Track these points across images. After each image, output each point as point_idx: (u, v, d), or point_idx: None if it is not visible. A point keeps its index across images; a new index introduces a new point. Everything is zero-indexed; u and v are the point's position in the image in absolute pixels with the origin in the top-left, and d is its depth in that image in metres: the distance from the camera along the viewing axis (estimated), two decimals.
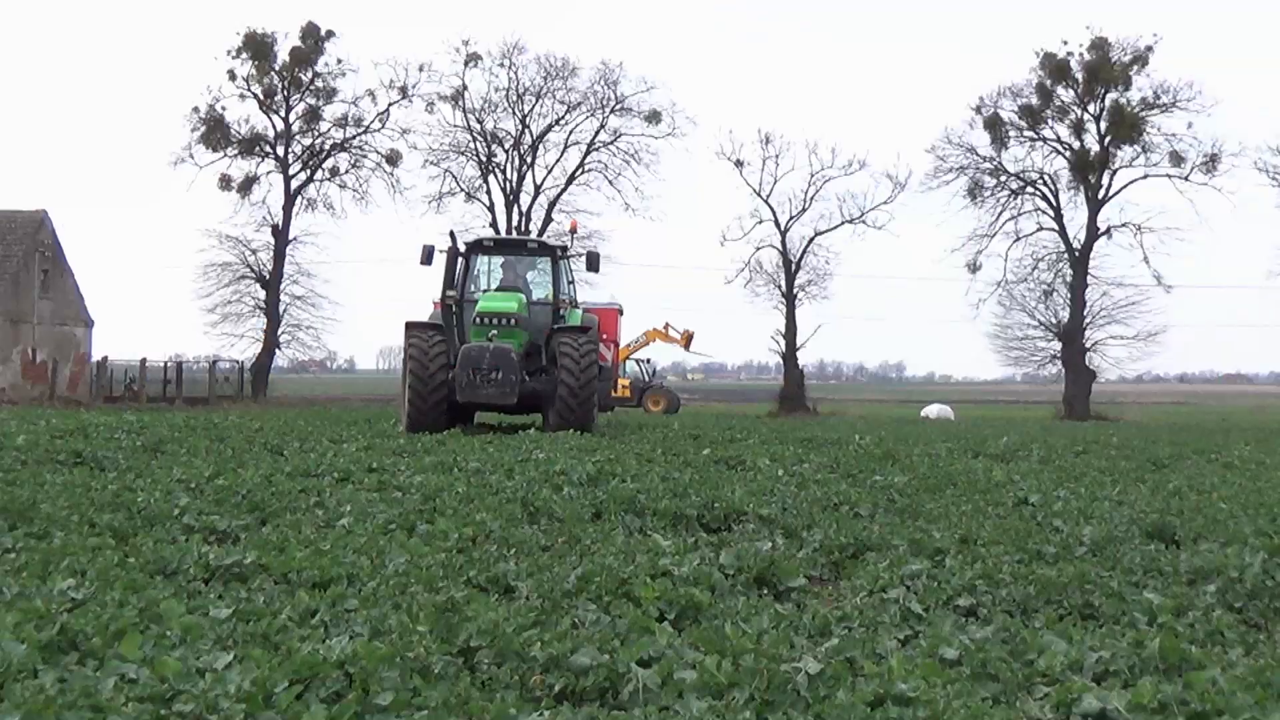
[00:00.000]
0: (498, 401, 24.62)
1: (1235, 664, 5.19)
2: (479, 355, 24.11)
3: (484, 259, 27.61)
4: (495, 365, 24.11)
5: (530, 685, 4.76)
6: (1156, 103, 66.78)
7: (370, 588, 6.36)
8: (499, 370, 24.15)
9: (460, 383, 23.88)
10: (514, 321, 25.17)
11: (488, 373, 24.06)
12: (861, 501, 10.88)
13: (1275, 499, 11.78)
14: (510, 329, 25.10)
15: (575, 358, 24.40)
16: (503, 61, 68.92)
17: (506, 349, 24.37)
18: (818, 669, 4.78)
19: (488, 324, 24.89)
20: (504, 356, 24.21)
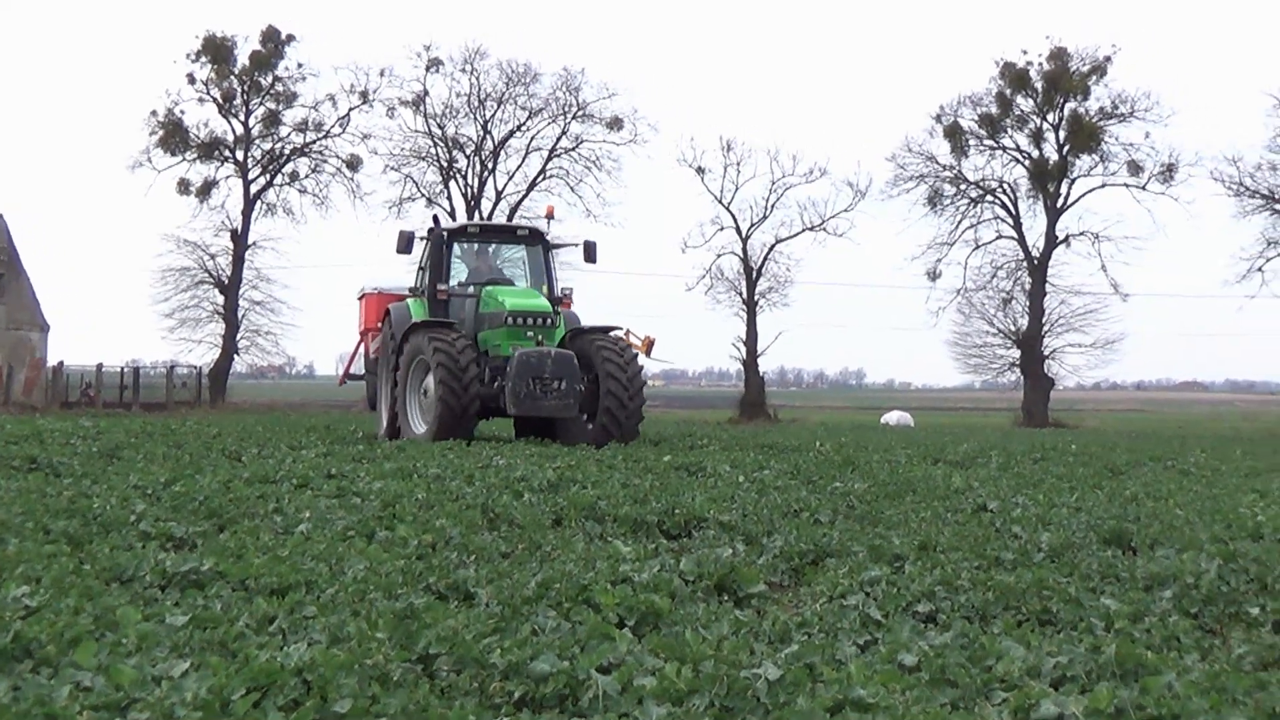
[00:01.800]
0: (559, 414, 22.30)
1: (1191, 669, 5.21)
2: (539, 363, 21.75)
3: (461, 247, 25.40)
4: (558, 374, 21.79)
5: (490, 692, 4.74)
6: (1115, 112, 67.27)
7: (329, 594, 6.34)
8: (562, 380, 21.80)
9: (518, 393, 21.52)
10: (551, 321, 23.12)
11: (550, 382, 21.75)
12: (821, 508, 10.90)
13: (1231, 506, 11.84)
14: (549, 330, 23.05)
15: (622, 364, 22.41)
16: (464, 67, 68.91)
17: (568, 356, 22.18)
18: (777, 675, 4.78)
19: (523, 325, 22.68)
20: (566, 364, 21.97)
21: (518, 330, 22.72)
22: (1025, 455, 21.54)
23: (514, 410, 21.86)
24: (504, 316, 22.80)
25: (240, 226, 65.51)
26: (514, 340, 22.59)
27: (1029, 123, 68.51)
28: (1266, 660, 5.71)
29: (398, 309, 24.48)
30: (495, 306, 23.25)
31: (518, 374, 21.55)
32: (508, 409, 21.96)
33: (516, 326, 22.70)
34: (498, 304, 23.23)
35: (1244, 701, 4.71)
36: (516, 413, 22.06)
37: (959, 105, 68.83)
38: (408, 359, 22.93)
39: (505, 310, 22.86)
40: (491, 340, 23.05)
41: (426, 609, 5.78)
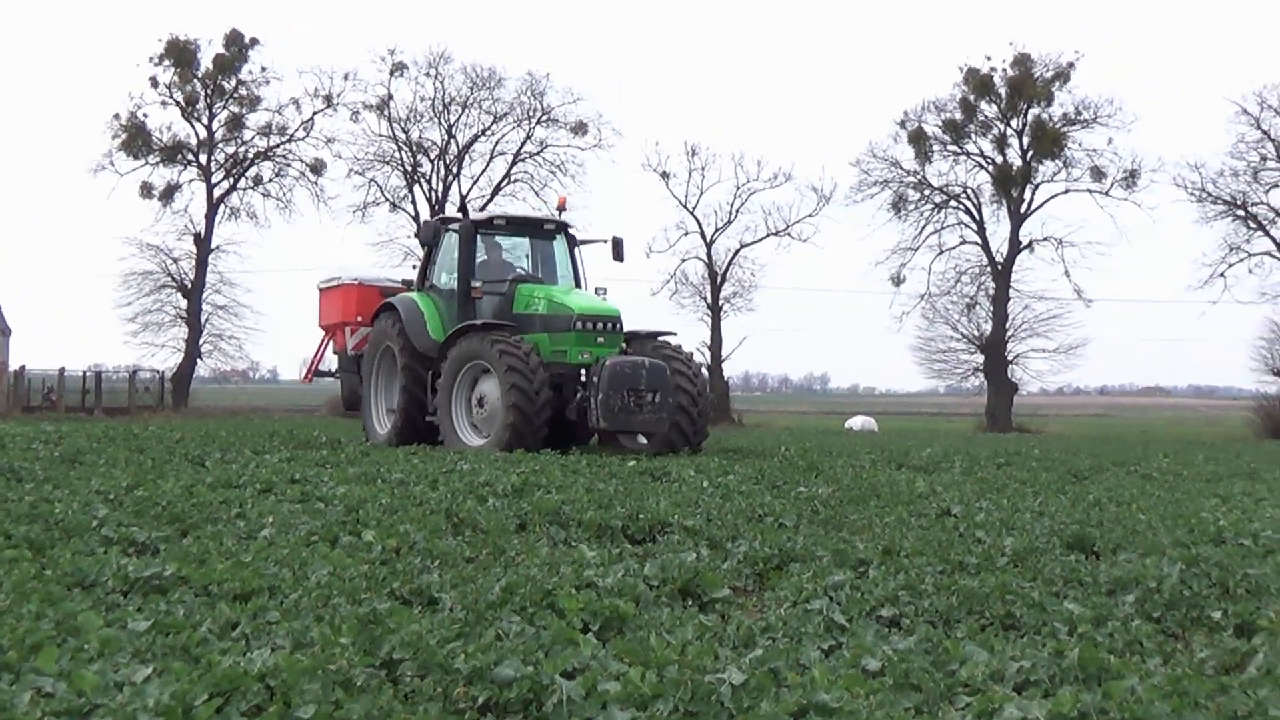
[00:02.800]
0: (651, 429, 20.89)
1: (1153, 673, 5.23)
2: (634, 374, 20.33)
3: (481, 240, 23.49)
4: (652, 386, 20.38)
5: (454, 697, 4.73)
6: (1078, 118, 67.61)
7: (292, 600, 6.32)
8: (656, 392, 20.40)
9: (610, 406, 20.04)
10: (619, 327, 21.77)
11: (644, 394, 20.33)
12: (786, 513, 10.91)
13: (1193, 510, 11.90)
14: (616, 335, 21.67)
15: (690, 374, 21.46)
16: (429, 71, 68.77)
17: (661, 366, 20.78)
18: (741, 680, 4.78)
19: (592, 330, 21.25)
20: (660, 376, 20.60)
21: (587, 336, 21.33)
22: (989, 460, 21.59)
23: (604, 424, 20.44)
24: (573, 320, 21.35)
25: (203, 230, 65.30)
26: (583, 346, 21.20)
27: (993, 128, 68.80)
28: (1228, 664, 5.73)
29: (406, 306, 22.91)
30: (557, 309, 21.73)
31: (610, 385, 20.13)
32: (596, 422, 20.50)
33: (586, 331, 21.32)
34: (561, 306, 21.75)
35: (1206, 705, 4.73)
36: (607, 426, 20.60)
37: (923, 111, 69.04)
38: (456, 363, 21.32)
39: (574, 314, 21.45)
40: (552, 345, 21.42)
41: (390, 614, 5.77)
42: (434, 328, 22.52)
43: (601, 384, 20.18)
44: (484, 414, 21.08)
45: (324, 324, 26.81)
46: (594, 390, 20.34)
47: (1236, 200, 67.31)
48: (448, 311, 22.80)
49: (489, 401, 20.93)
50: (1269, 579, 7.63)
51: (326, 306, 26.54)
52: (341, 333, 25.93)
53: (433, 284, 23.57)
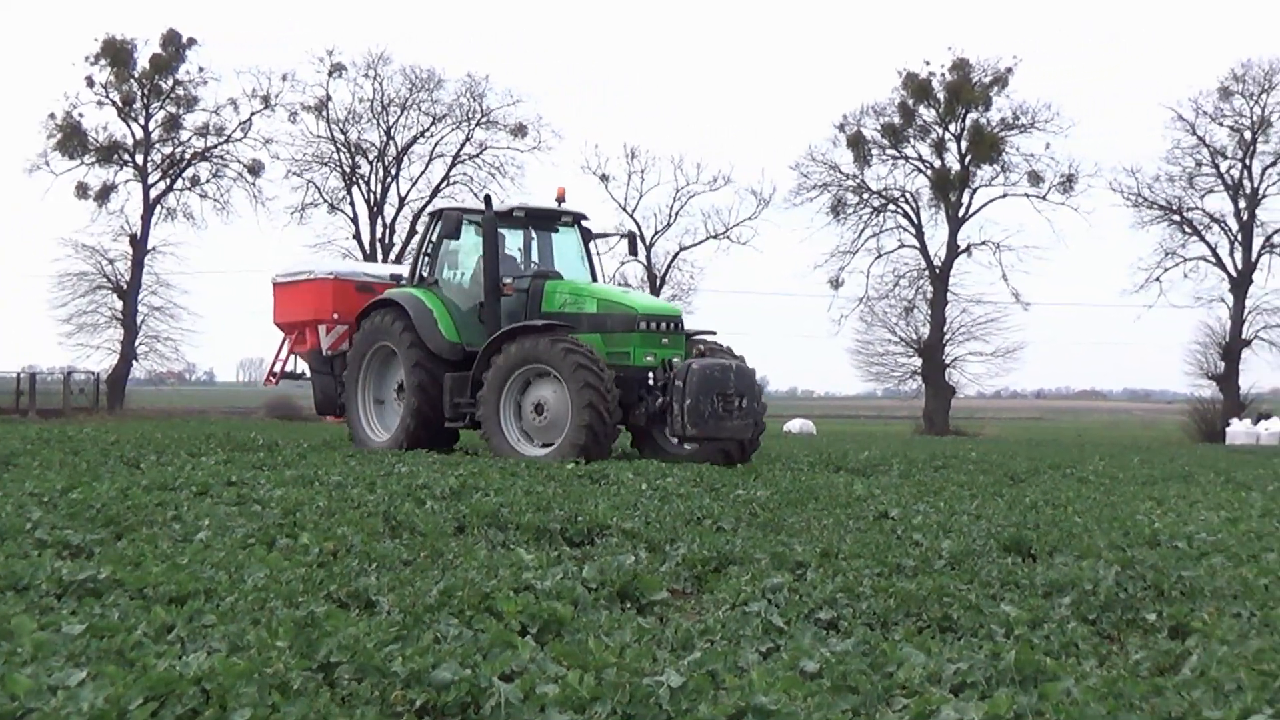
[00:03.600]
0: (739, 436, 19.81)
1: (1089, 675, 5.27)
2: (724, 378, 19.26)
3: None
4: (740, 391, 19.35)
5: (391, 701, 4.72)
6: (1015, 123, 68.28)
7: (228, 603, 6.28)
8: (744, 397, 19.40)
9: (700, 412, 18.78)
10: (681, 327, 20.85)
11: (733, 399, 19.24)
12: (724, 515, 10.92)
13: (1128, 513, 11.98)
14: (679, 336, 20.66)
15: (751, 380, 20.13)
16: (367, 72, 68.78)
17: (749, 370, 20.08)
18: (679, 682, 4.78)
19: (656, 330, 20.18)
20: (748, 380, 19.82)
21: (652, 337, 20.18)
22: (926, 463, 21.70)
23: (693, 430, 19.03)
24: (636, 320, 20.19)
25: (139, 231, 64.94)
26: (647, 348, 20.01)
27: (931, 133, 69.35)
28: (1162, 665, 5.78)
29: (412, 304, 21.32)
30: (614, 308, 20.58)
31: (700, 390, 18.90)
32: (682, 429, 19.16)
33: (651, 332, 20.16)
34: (621, 305, 20.67)
35: (1141, 706, 4.77)
36: (697, 434, 19.18)
37: (862, 115, 69.54)
38: (508, 366, 19.83)
39: (637, 313, 20.34)
40: (608, 347, 20.02)
41: (327, 617, 5.74)
42: (446, 327, 21.12)
43: (689, 388, 18.89)
44: (542, 421, 19.79)
45: (287, 321, 24.68)
46: (678, 395, 18.99)
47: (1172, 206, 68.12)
48: (462, 309, 21.53)
49: (550, 408, 19.62)
50: (1203, 581, 7.70)
51: (291, 302, 24.36)
52: (313, 331, 23.91)
53: (436, 279, 22.03)
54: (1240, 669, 5.24)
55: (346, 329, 23.42)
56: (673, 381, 19.20)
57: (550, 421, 19.65)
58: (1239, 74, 67.21)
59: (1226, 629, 6.37)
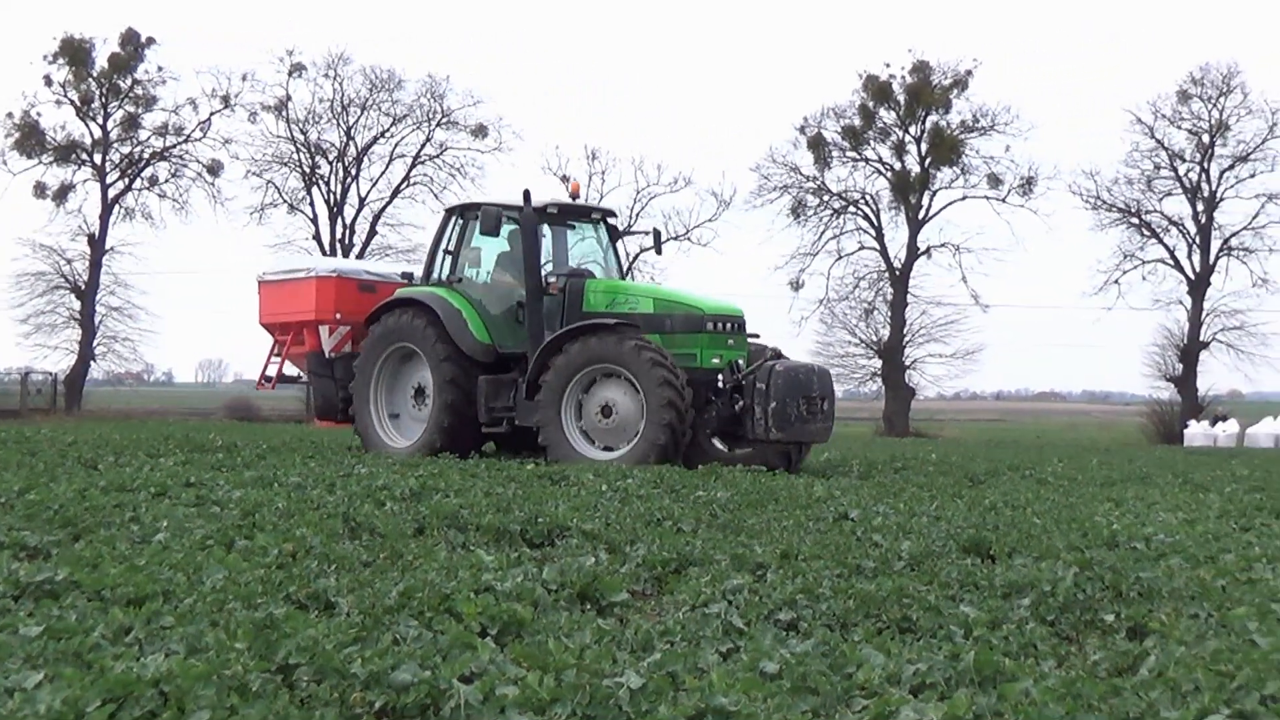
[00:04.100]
0: (819, 440, 19.95)
1: (1048, 675, 5.28)
2: (808, 380, 18.99)
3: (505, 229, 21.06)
4: (823, 393, 19.09)
5: (350, 702, 4.70)
6: (975, 126, 68.67)
7: (186, 604, 6.24)
8: (826, 399, 19.15)
9: (786, 415, 18.40)
10: (744, 327, 20.23)
11: (816, 402, 18.91)
12: (684, 517, 10.92)
13: (1087, 514, 12.03)
14: (743, 337, 20.14)
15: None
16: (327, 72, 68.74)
17: (828, 371, 19.90)
18: (639, 684, 4.78)
19: (723, 331, 19.63)
20: (828, 383, 19.53)
21: (719, 338, 19.60)
22: (886, 464, 21.76)
23: (778, 434, 18.58)
24: (704, 321, 19.59)
25: (98, 231, 64.70)
26: (715, 349, 19.42)
27: (891, 135, 69.66)
28: (1121, 666, 5.80)
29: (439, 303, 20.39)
30: (675, 307, 19.93)
31: (786, 392, 18.50)
32: (765, 433, 18.64)
33: (718, 333, 19.60)
34: (685, 305, 20.00)
35: (1099, 707, 4.79)
36: (783, 438, 18.75)
37: (822, 117, 69.82)
38: (571, 367, 19.14)
39: (704, 314, 19.73)
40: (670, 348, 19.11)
41: (286, 619, 5.71)
42: (476, 327, 20.29)
43: (774, 391, 18.49)
44: (610, 423, 19.11)
45: (281, 321, 23.45)
46: (760, 397, 18.58)
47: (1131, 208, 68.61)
48: (490, 309, 20.68)
49: (619, 411, 18.97)
50: (1161, 582, 7.73)
51: (286, 301, 23.20)
52: (312, 332, 22.75)
53: (460, 278, 21.15)
54: (1197, 670, 5.26)
55: (349, 330, 22.58)
56: (753, 384, 18.77)
57: (618, 424, 19.06)
58: (1197, 78, 67.74)
59: (1184, 630, 6.40)
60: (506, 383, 20.07)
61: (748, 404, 18.76)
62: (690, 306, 19.95)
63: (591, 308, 20.10)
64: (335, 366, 22.45)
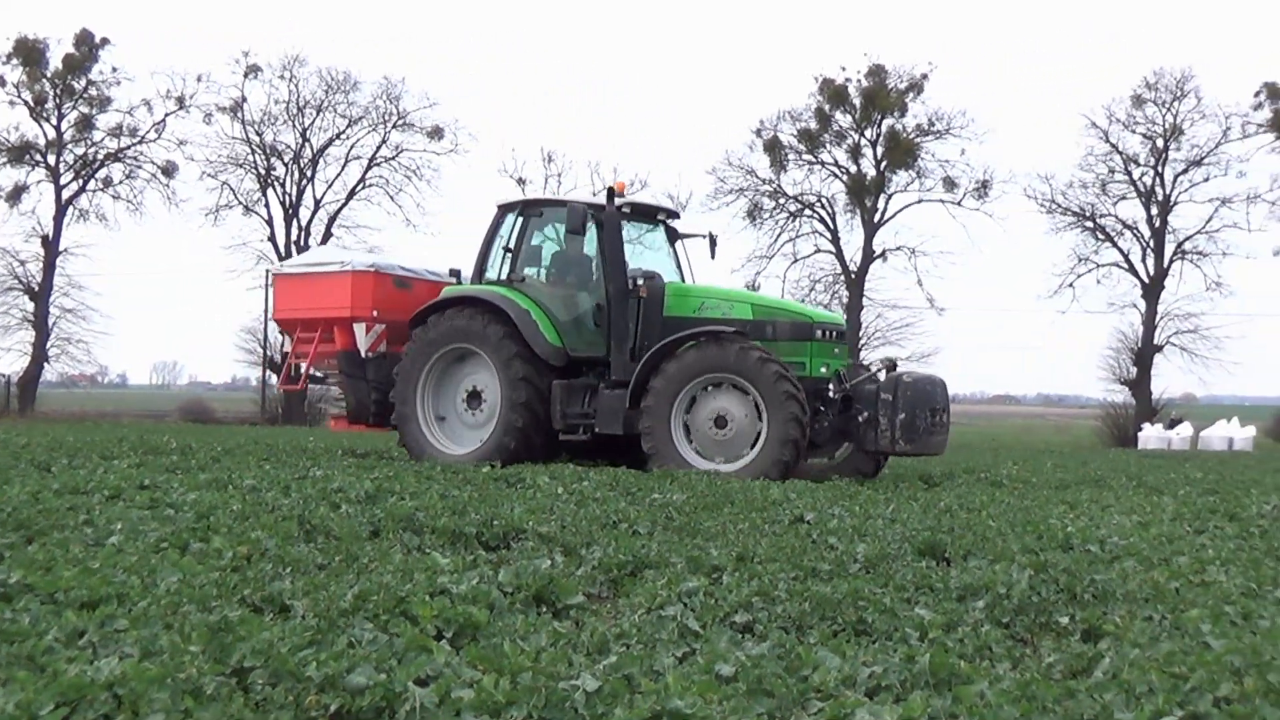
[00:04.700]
0: (939, 452, 19.55)
1: (1002, 678, 5.31)
2: (933, 392, 18.64)
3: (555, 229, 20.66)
4: (945, 404, 18.76)
5: (305, 705, 4.69)
6: (931, 129, 68.88)
7: (141, 607, 6.21)
8: (945, 411, 18.79)
9: (915, 427, 18.10)
10: (845, 336, 20.18)
11: (939, 413, 18.60)
12: (640, 519, 10.92)
13: (1041, 517, 12.07)
14: (845, 346, 20.00)
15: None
16: (283, 74, 68.47)
17: (944, 381, 19.16)
18: (595, 686, 4.78)
19: (829, 340, 19.22)
20: (948, 394, 19.10)
21: (826, 347, 19.16)
22: None
23: (906, 446, 18.27)
24: (813, 329, 19.09)
25: (51, 233, 64.35)
26: (823, 359, 18.98)
27: (847, 138, 69.85)
28: (1075, 668, 5.83)
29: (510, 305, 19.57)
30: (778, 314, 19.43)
31: (915, 404, 18.16)
32: (893, 444, 18.27)
33: (826, 342, 19.15)
34: (793, 313, 19.65)
35: (1053, 709, 4.81)
36: (910, 449, 18.48)
37: (779, 120, 69.95)
38: (683, 375, 18.47)
39: (813, 322, 19.26)
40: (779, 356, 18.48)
41: (241, 622, 5.69)
42: (547, 329, 19.58)
43: (903, 402, 18.09)
44: (724, 435, 18.44)
45: (302, 317, 22.12)
46: (886, 408, 18.13)
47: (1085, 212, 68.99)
48: (561, 311, 19.99)
49: (734, 422, 18.34)
50: (1115, 584, 7.77)
51: (315, 297, 21.86)
52: (345, 330, 21.41)
53: (523, 277, 20.35)
54: (1152, 672, 5.29)
55: (385, 328, 21.49)
56: (877, 394, 18.35)
57: (733, 436, 18.42)
58: (1151, 82, 68.16)
59: (1138, 632, 6.44)
60: (580, 388, 19.52)
61: (872, 415, 18.32)
62: (798, 314, 19.63)
63: (672, 312, 19.54)
64: (369, 367, 21.40)
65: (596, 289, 20.06)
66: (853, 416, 18.71)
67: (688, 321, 19.19)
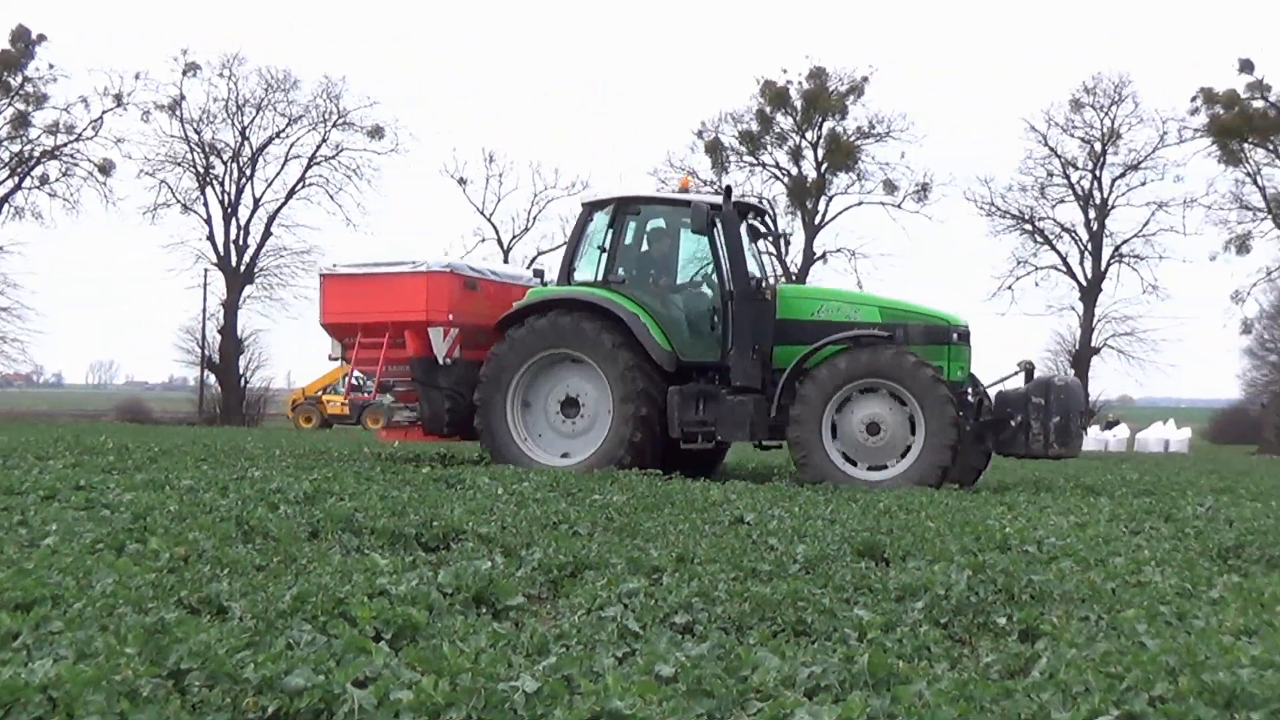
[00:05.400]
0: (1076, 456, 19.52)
1: (941, 678, 5.32)
2: (1080, 395, 18.71)
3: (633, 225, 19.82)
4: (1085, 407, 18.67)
5: (243, 707, 4.66)
6: (871, 132, 69.14)
7: (76, 609, 6.16)
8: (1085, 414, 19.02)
9: (1070, 431, 17.95)
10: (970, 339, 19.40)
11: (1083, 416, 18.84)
12: (580, 520, 10.91)
13: (980, 518, 12.12)
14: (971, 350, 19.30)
15: None
16: (222, 72, 68.20)
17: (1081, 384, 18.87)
18: (535, 687, 4.77)
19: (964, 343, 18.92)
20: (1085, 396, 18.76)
21: (963, 350, 18.88)
22: (782, 468, 21.79)
23: (1059, 450, 18.10)
24: (949, 333, 18.75)
25: None
26: (958, 363, 18.62)
27: (788, 140, 70.18)
28: (1013, 668, 5.86)
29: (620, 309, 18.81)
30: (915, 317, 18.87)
31: (1070, 407, 18.04)
32: (1045, 449, 18.03)
33: (962, 345, 18.84)
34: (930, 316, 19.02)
35: (991, 709, 4.84)
36: (1062, 453, 18.35)
37: (720, 122, 70.24)
38: (835, 380, 17.93)
39: (950, 326, 18.85)
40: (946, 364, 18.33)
41: (178, 623, 5.65)
42: (657, 333, 18.84)
43: (1056, 406, 17.89)
44: (877, 441, 17.96)
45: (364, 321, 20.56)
46: (1039, 412, 17.92)
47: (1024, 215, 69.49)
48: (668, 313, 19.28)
49: (888, 428, 17.89)
50: (1052, 585, 7.81)
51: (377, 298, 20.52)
52: (418, 335, 20.12)
53: (624, 279, 19.49)
54: (1088, 671, 5.32)
55: (459, 333, 20.25)
56: (1028, 398, 18.10)
57: (886, 442, 17.94)
58: (1090, 87, 68.76)
59: (1075, 632, 6.47)
60: (693, 394, 18.70)
61: (1024, 419, 18.03)
62: (932, 316, 19.04)
63: (786, 315, 18.94)
64: (438, 375, 20.20)
65: (706, 290, 19.60)
66: (998, 421, 18.51)
67: (804, 325, 18.73)
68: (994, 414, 18.57)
